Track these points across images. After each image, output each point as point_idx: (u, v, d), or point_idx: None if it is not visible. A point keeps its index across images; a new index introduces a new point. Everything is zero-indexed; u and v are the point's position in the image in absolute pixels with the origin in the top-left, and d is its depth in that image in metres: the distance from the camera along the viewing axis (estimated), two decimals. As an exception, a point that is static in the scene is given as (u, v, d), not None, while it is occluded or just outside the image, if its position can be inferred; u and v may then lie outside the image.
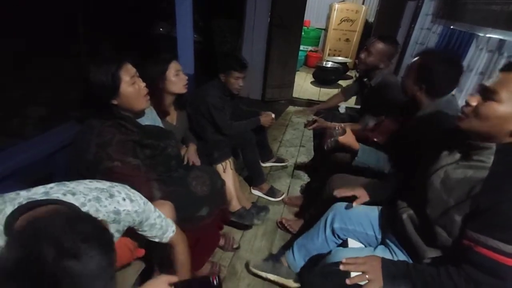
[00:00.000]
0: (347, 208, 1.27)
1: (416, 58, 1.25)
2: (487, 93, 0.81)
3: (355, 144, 1.32)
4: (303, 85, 4.91)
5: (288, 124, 3.41)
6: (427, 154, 1.07)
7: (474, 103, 0.83)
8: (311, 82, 5.10)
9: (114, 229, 0.79)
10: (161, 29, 3.37)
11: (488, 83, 0.83)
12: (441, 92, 1.22)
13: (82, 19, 2.27)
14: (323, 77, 5.01)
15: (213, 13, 3.45)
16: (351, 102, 3.17)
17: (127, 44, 2.76)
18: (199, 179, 1.28)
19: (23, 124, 2.01)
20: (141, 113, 1.23)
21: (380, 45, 1.75)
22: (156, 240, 0.92)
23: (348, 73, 5.64)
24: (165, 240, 0.94)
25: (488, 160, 0.83)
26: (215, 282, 0.78)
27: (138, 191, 1.05)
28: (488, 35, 1.62)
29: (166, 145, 1.27)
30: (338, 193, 1.24)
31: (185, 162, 1.55)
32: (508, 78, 0.78)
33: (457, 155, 0.94)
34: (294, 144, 2.95)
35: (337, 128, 1.29)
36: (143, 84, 1.12)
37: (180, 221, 1.04)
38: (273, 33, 3.51)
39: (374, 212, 1.25)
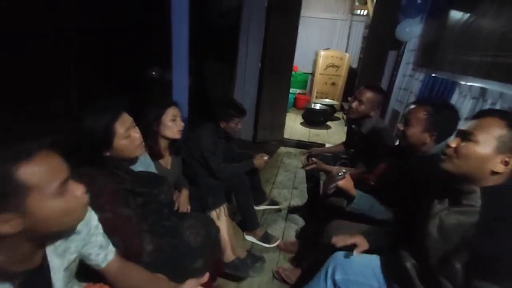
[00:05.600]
0: (347, 257, 1.21)
1: (417, 108, 1.27)
2: (464, 135, 0.88)
3: (353, 191, 1.31)
4: (293, 126, 5.01)
5: (280, 165, 3.40)
6: (422, 200, 1.07)
7: (453, 145, 0.90)
8: (301, 123, 5.22)
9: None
10: (153, 73, 3.46)
11: (464, 127, 0.90)
12: (446, 137, 1.25)
13: (74, 58, 2.28)
14: (312, 118, 5.15)
15: (205, 57, 3.58)
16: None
17: (119, 87, 2.78)
18: (192, 229, 1.21)
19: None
20: (135, 159, 1.19)
21: (370, 94, 1.80)
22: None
23: (335, 114, 5.84)
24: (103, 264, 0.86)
25: (477, 204, 0.86)
26: None
27: (129, 244, 0.98)
28: (469, 84, 1.72)
29: (159, 192, 1.21)
30: (337, 241, 1.19)
31: (175, 208, 1.49)
32: (483, 122, 0.86)
33: (447, 201, 0.96)
34: (287, 186, 2.91)
35: (340, 174, 1.27)
36: (137, 134, 1.08)
37: (174, 276, 0.95)
38: (264, 77, 3.66)
39: (375, 261, 1.20)
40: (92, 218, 0.84)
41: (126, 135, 1.03)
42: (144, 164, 1.29)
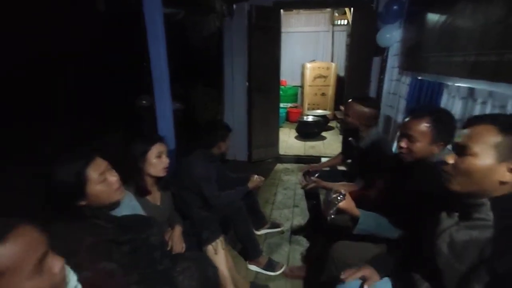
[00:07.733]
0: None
1: (416, 121, 1.20)
2: (460, 149, 0.83)
3: (355, 211, 1.24)
4: (288, 141, 4.97)
5: (278, 183, 3.32)
6: (429, 214, 1.01)
7: (451, 161, 0.85)
8: (295, 137, 5.18)
9: None
10: (144, 102, 3.47)
11: (458, 140, 0.85)
12: (450, 142, 1.21)
13: (64, 91, 2.24)
14: (306, 131, 5.11)
15: (191, 83, 3.59)
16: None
17: (112, 116, 2.78)
18: (186, 272, 1.12)
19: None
20: (115, 204, 1.11)
21: (356, 107, 1.76)
22: None
23: (329, 124, 5.82)
24: None
25: (488, 217, 0.80)
26: None
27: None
28: (456, 84, 1.69)
29: (148, 235, 1.14)
30: (345, 276, 1.11)
31: (168, 248, 1.41)
32: (475, 132, 0.81)
33: (456, 215, 0.90)
34: (287, 205, 2.82)
35: (340, 197, 1.20)
36: (115, 178, 1.02)
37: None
38: (252, 96, 3.65)
39: (387, 285, 1.11)
40: (70, 279, 0.77)
41: (101, 179, 0.96)
42: (129, 206, 1.22)
